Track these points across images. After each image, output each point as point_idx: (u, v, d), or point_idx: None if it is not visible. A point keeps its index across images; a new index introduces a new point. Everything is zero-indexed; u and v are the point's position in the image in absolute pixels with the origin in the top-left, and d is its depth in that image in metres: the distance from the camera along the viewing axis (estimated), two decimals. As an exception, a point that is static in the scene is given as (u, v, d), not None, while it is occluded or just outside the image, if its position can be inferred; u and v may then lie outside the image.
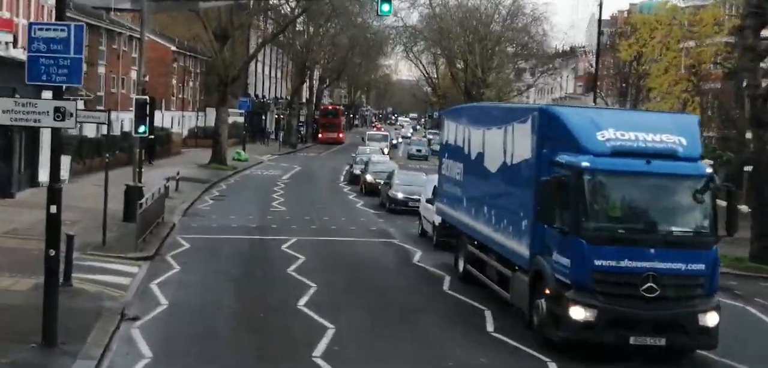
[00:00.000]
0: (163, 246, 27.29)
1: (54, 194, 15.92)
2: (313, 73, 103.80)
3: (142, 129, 31.91)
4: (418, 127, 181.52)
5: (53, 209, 15.83)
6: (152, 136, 61.82)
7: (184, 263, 24.53)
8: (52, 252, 15.66)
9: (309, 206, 40.69)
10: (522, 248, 18.44)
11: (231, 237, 30.05)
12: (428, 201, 30.36)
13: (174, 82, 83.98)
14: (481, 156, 21.96)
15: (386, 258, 27.29)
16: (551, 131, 17.87)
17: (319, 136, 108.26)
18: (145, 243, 26.67)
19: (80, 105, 44.51)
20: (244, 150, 70.25)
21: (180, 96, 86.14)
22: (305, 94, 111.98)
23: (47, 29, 16.10)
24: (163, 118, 75.13)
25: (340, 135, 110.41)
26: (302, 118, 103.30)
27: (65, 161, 43.27)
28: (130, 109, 72.44)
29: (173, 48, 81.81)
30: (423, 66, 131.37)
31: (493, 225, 20.55)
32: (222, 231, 31.53)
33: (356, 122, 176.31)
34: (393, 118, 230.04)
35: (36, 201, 34.68)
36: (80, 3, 65.50)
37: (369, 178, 45.81)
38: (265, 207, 39.67)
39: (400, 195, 38.71)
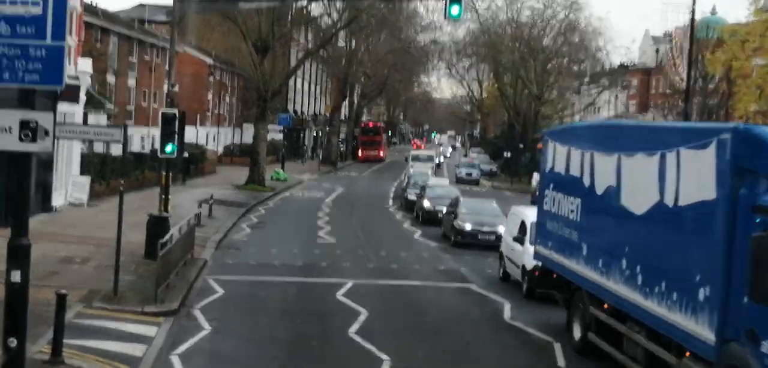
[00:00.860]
0: (191, 293, 21.71)
1: (19, 254, 10.31)
2: (354, 89, 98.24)
3: (169, 148, 26.45)
4: (456, 145, 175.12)
5: (17, 276, 10.20)
6: (186, 155, 57.06)
7: (216, 320, 18.89)
8: (13, 343, 10.07)
9: (360, 237, 35.02)
10: (701, 328, 12.61)
11: (273, 280, 24.44)
12: (516, 239, 24.56)
13: (210, 96, 78.86)
14: (614, 191, 16.16)
15: (470, 314, 21.48)
16: (755, 162, 12.05)
17: (360, 154, 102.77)
18: (169, 289, 21.10)
19: (102, 119, 39.07)
20: (283, 169, 64.77)
21: (216, 111, 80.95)
22: (344, 111, 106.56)
23: (13, 3, 10.55)
24: (197, 134, 70.05)
25: (382, 153, 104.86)
26: (342, 136, 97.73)
27: (83, 183, 38.00)
28: (163, 124, 67.33)
29: (210, 61, 76.68)
30: (466, 83, 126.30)
31: (639, 286, 14.72)
32: (262, 271, 25.93)
33: (394, 140, 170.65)
34: (428, 136, 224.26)
35: (47, 230, 29.35)
36: (112, 13, 60.70)
37: (427, 204, 40.05)
38: (310, 237, 34.04)
39: (468, 227, 32.93)
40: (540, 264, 20.88)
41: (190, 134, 71.16)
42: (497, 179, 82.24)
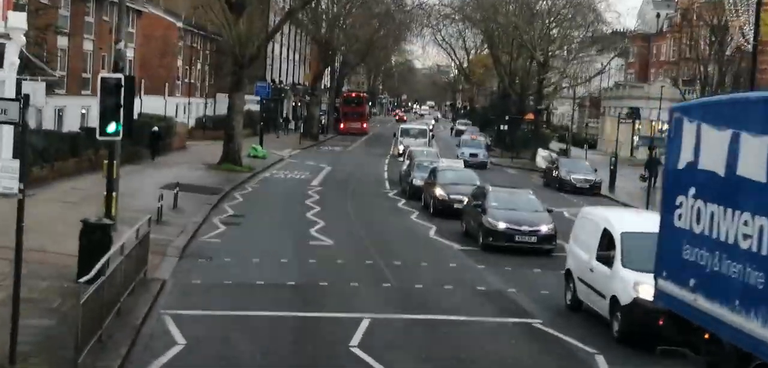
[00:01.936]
0: (136, 348, 14.41)
1: None
2: (335, 57, 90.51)
3: (111, 127, 19.06)
4: (438, 116, 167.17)
5: None
6: (156, 129, 49.39)
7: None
8: None
9: (363, 237, 27.70)
10: None
11: (258, 315, 17.15)
12: (600, 258, 17.35)
13: (179, 64, 71.06)
14: None
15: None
16: None
17: (341, 126, 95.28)
18: (102, 346, 13.79)
19: (41, 89, 31.37)
20: (261, 144, 57.21)
21: (186, 80, 73.13)
22: (325, 80, 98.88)
23: None
24: (165, 106, 62.36)
25: (365, 125, 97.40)
26: (323, 106, 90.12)
27: (13, 167, 30.36)
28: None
29: (179, 24, 68.90)
30: (453, 50, 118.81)
31: None
32: (242, 296, 18.67)
33: (374, 111, 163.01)
34: (408, 106, 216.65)
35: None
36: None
37: (441, 193, 32.73)
38: (301, 237, 26.72)
39: (501, 226, 25.73)
40: (665, 307, 13.67)
41: (158, 105, 63.51)
42: (492, 154, 75.03)
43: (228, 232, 27.17)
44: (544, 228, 25.76)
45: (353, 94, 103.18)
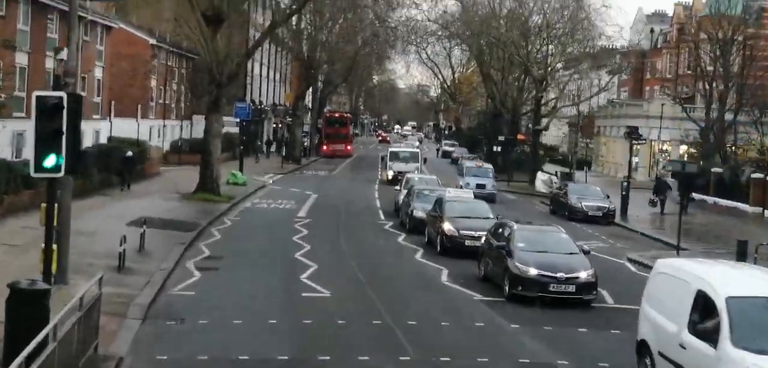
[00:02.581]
0: None
1: None
2: (317, 75, 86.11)
3: (50, 161, 14.64)
4: (422, 137, 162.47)
5: None
6: (129, 154, 44.85)
7: None
8: None
9: (367, 285, 23.25)
10: None
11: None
12: (699, 333, 13.03)
13: (153, 84, 66.46)
14: None
15: None
16: None
17: (324, 148, 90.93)
18: None
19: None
20: (241, 170, 52.70)
21: (161, 101, 68.54)
22: (306, 100, 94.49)
23: None
24: (138, 129, 57.70)
25: (349, 147, 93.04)
26: (306, 128, 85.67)
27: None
28: (94, 116, 54.86)
29: (152, 41, 64.32)
30: (437, 69, 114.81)
31: None
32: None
33: (356, 131, 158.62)
34: (389, 126, 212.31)
35: None
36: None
37: (449, 228, 28.39)
38: (292, 288, 22.30)
39: (532, 272, 21.41)
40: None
41: (130, 128, 58.95)
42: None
43: (204, 281, 22.67)
44: (584, 275, 21.46)
45: (337, 115, 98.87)
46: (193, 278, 22.96)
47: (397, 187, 40.17)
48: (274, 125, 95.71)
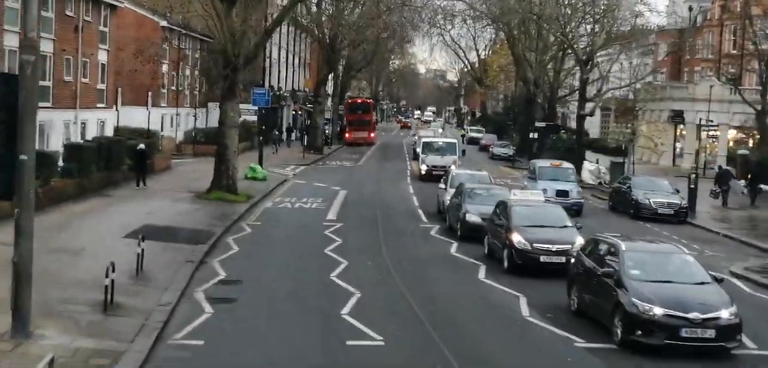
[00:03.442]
0: None
1: None
2: (339, 59, 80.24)
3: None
4: (443, 123, 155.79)
5: None
6: (142, 147, 39.51)
7: None
8: None
9: (426, 321, 17.57)
10: None
11: None
12: None
13: (164, 69, 60.92)
14: None
15: None
16: None
17: (347, 135, 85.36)
18: None
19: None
20: (260, 163, 47.14)
21: (173, 88, 63.02)
22: (327, 86, 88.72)
23: None
24: (148, 118, 52.09)
25: (372, 134, 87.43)
26: (327, 115, 79.95)
27: None
28: (98, 105, 49.38)
29: (163, 23, 58.72)
30: (462, 52, 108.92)
31: None
32: None
33: (376, 118, 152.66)
34: (408, 112, 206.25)
35: None
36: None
37: (519, 240, 22.59)
38: (331, 332, 16.70)
39: (657, 313, 15.67)
40: None
41: (140, 118, 53.46)
42: (519, 165, 65.05)
43: (216, 321, 17.09)
44: (725, 314, 15.77)
45: (359, 100, 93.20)
46: (203, 316, 17.39)
47: (442, 185, 34.30)
48: (294, 112, 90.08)
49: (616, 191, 39.66)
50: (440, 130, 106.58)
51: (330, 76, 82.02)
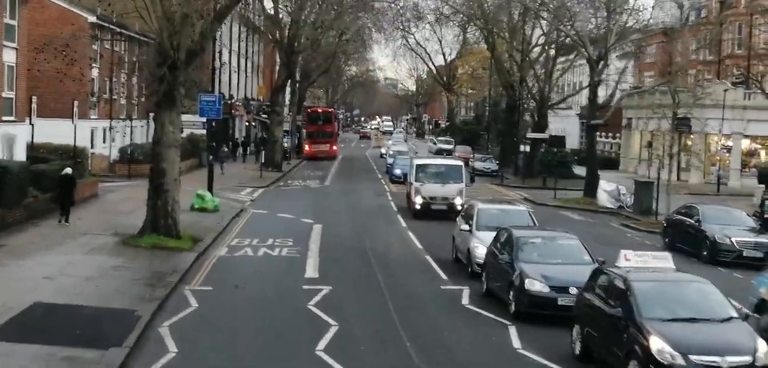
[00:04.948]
0: None
1: None
2: (297, 63, 70.04)
3: None
4: (400, 132, 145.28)
5: None
6: (68, 171, 29.32)
7: None
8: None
9: None
10: None
11: None
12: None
13: (95, 74, 50.41)
14: None
15: None
16: None
17: (306, 149, 75.31)
18: None
19: None
20: (210, 189, 36.94)
21: (106, 96, 52.45)
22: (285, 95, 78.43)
23: None
24: (75, 132, 41.59)
25: (334, 147, 77.51)
26: (286, 126, 69.72)
27: None
28: (3, 118, 38.52)
29: (92, 18, 48.25)
30: (429, 56, 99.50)
31: None
32: None
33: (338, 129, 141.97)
34: (362, 122, 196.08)
35: None
36: None
37: (661, 348, 12.80)
38: None
39: None
40: None
41: (63, 132, 42.99)
42: (507, 183, 55.62)
43: None
44: None
45: (320, 110, 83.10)
46: None
47: (464, 226, 23.80)
48: (247, 124, 79.69)
49: (676, 225, 30.03)
50: (403, 141, 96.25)
51: (287, 84, 71.86)
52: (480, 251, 21.98)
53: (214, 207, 34.51)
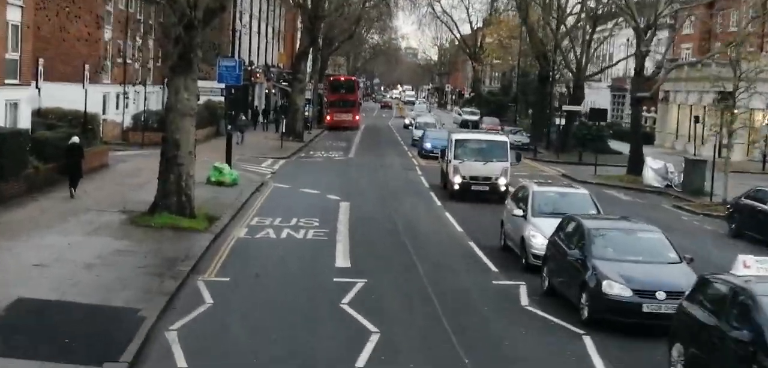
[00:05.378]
0: None
1: None
2: (320, 29, 66.94)
3: None
4: (423, 102, 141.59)
5: None
6: (75, 140, 26.98)
7: None
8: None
9: None
10: None
11: None
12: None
13: (108, 36, 47.60)
14: None
15: None
16: None
17: (328, 118, 72.44)
18: None
19: None
20: (228, 161, 34.11)
21: (120, 60, 49.67)
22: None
23: None
24: (86, 97, 38.84)
25: (356, 117, 74.55)
26: (308, 95, 66.71)
27: None
28: (6, 81, 35.73)
29: (103, -24, 45.42)
30: (455, 24, 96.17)
31: None
32: None
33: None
34: (381, 91, 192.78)
35: None
36: None
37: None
38: None
39: None
40: None
41: (73, 97, 40.31)
42: (540, 157, 52.53)
43: None
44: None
45: (342, 78, 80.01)
46: None
47: (517, 210, 20.57)
48: (266, 91, 76.75)
49: (743, 209, 26.89)
50: (427, 112, 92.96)
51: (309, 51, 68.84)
52: (538, 241, 19.05)
53: (233, 181, 31.69)
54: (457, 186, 31.38)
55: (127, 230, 21.83)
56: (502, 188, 30.23)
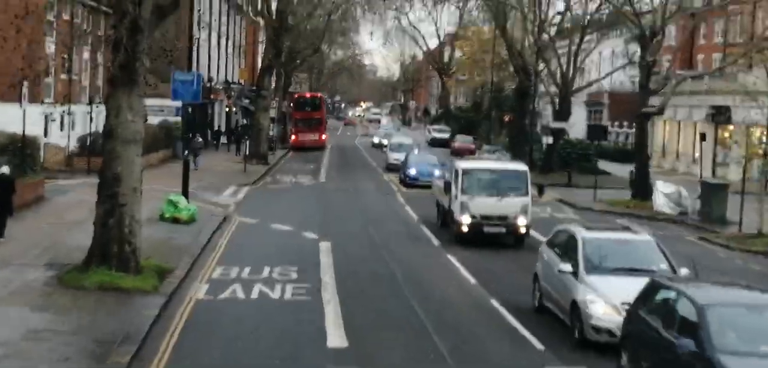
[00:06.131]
0: None
1: None
2: (286, 42, 61.57)
3: None
4: (390, 120, 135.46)
5: None
6: (6, 170, 21.19)
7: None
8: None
9: None
10: None
11: None
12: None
13: (51, 49, 42.05)
14: None
15: None
16: None
17: (293, 138, 67.20)
18: None
19: None
20: (186, 194, 28.68)
21: (63, 76, 44.07)
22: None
23: None
24: (24, 118, 33.09)
25: (323, 136, 69.32)
26: (272, 113, 61.29)
27: None
28: None
29: (44, -18, 39.87)
30: (424, 39, 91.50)
31: None
32: None
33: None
34: (340, 108, 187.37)
35: None
36: None
37: None
38: None
39: None
40: None
41: (9, 118, 34.72)
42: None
43: None
44: None
45: (308, 95, 74.59)
46: None
47: (567, 268, 15.12)
48: (227, 110, 71.22)
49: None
50: (397, 130, 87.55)
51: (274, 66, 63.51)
52: (597, 309, 14.08)
53: (190, 217, 26.35)
54: (465, 228, 25.01)
55: (51, 295, 16.47)
56: (523, 230, 24.80)
